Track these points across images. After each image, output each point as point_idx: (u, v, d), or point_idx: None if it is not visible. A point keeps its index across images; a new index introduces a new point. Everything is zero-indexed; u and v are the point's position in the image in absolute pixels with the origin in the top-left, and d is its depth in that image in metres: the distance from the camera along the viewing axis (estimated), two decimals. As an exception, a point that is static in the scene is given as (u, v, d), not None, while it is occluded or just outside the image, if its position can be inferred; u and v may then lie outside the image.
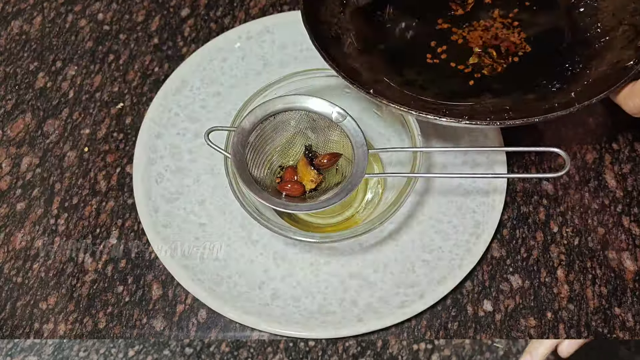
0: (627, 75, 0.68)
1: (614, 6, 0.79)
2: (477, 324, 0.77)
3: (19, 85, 0.94)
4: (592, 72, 0.75)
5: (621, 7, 0.78)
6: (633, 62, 0.70)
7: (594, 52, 0.77)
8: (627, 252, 0.80)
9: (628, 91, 0.68)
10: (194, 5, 1.01)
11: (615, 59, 0.74)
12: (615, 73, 0.71)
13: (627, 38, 0.75)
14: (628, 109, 0.69)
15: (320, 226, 0.82)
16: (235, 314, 0.76)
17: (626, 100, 0.68)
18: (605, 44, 0.77)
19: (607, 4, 0.80)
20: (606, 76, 0.72)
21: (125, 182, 0.87)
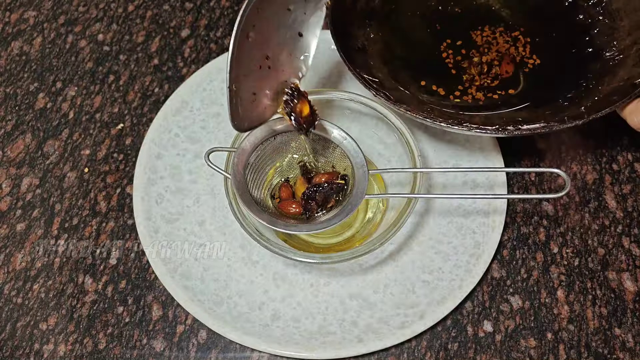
0: (634, 90, 0.70)
1: (630, 25, 0.81)
2: (477, 345, 0.77)
3: (19, 106, 0.94)
4: (604, 87, 0.76)
5: (637, 26, 0.80)
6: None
7: (607, 69, 0.78)
8: (627, 273, 0.80)
9: (634, 107, 0.70)
10: (194, 26, 1.01)
11: (626, 76, 0.75)
12: (624, 88, 0.72)
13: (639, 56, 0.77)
14: (633, 123, 0.70)
15: (320, 246, 0.82)
16: (235, 334, 0.76)
17: (632, 116, 0.70)
18: (619, 62, 0.78)
19: (624, 24, 0.81)
20: (616, 91, 0.73)
21: (125, 202, 0.87)
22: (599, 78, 0.78)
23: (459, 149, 0.87)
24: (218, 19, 1.01)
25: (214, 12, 1.02)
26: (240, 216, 0.73)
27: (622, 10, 0.82)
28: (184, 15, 1.02)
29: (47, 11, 1.04)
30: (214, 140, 0.89)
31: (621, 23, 0.82)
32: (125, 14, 1.03)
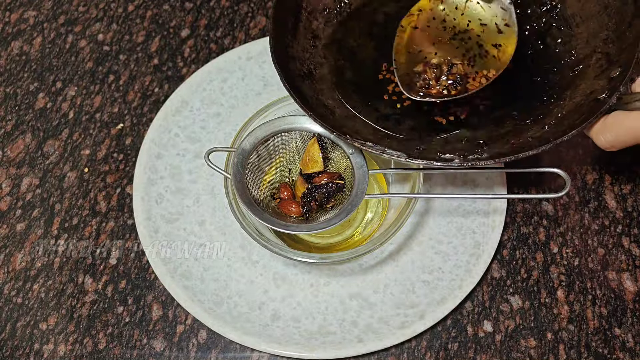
0: (600, 108, 0.67)
1: (588, 33, 0.77)
2: (477, 345, 0.77)
3: (19, 106, 0.95)
4: (566, 102, 0.73)
5: (594, 33, 0.77)
6: (605, 95, 0.69)
7: (568, 81, 0.76)
8: (627, 273, 0.80)
9: (600, 126, 0.67)
10: (194, 26, 1.01)
11: (588, 89, 0.72)
12: (587, 104, 0.70)
13: (600, 67, 0.74)
14: (600, 143, 0.68)
15: (320, 246, 0.82)
16: (235, 334, 0.76)
17: (598, 135, 0.68)
18: (579, 73, 0.75)
19: (581, 30, 0.78)
20: (579, 107, 0.71)
21: (125, 202, 0.87)
22: (560, 92, 0.75)
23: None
24: (218, 19, 1.01)
25: (214, 12, 1.02)
26: (240, 216, 0.73)
27: (578, 15, 0.79)
28: (184, 15, 1.02)
29: (47, 11, 1.04)
30: (214, 140, 0.89)
31: (577, 30, 0.79)
32: (125, 14, 1.03)
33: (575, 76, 0.75)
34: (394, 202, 0.82)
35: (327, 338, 0.76)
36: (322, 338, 0.76)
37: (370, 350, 0.75)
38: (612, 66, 0.72)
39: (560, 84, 0.76)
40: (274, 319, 0.78)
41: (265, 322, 0.78)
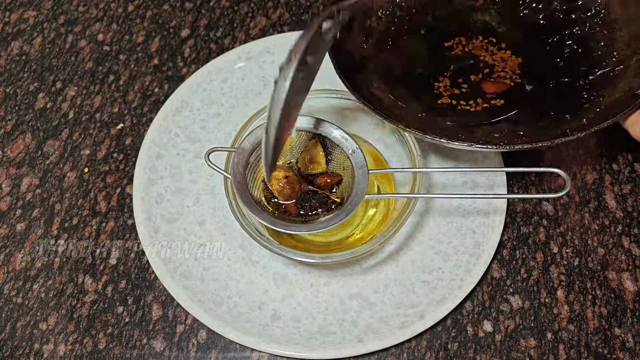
0: (635, 101, 0.69)
1: (629, 36, 0.79)
2: (477, 345, 0.77)
3: (19, 106, 0.95)
4: (605, 99, 0.75)
5: (635, 36, 0.79)
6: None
7: (607, 81, 0.77)
8: (627, 273, 0.80)
9: (636, 117, 0.69)
10: (194, 26, 1.01)
11: (627, 87, 0.74)
12: (625, 100, 0.71)
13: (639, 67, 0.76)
14: (635, 134, 0.70)
15: (320, 244, 0.82)
16: (235, 334, 0.76)
17: (634, 127, 0.70)
18: (620, 73, 0.77)
19: (623, 34, 0.80)
20: (617, 103, 0.72)
21: (125, 202, 0.87)
22: (599, 90, 0.77)
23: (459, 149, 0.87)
24: (218, 19, 1.01)
25: (214, 12, 1.02)
26: (240, 216, 0.73)
27: (620, 20, 0.81)
28: (184, 15, 1.02)
29: (47, 11, 1.04)
30: (214, 140, 0.89)
31: (620, 33, 0.81)
32: (125, 14, 1.03)
33: (616, 76, 0.77)
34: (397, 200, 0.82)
35: (327, 338, 0.76)
36: (322, 338, 0.76)
37: (370, 350, 0.75)
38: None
39: (600, 84, 0.78)
40: (274, 319, 0.78)
41: (265, 322, 0.78)
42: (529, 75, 0.83)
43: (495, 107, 0.80)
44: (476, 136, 0.75)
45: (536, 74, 0.83)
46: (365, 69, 0.83)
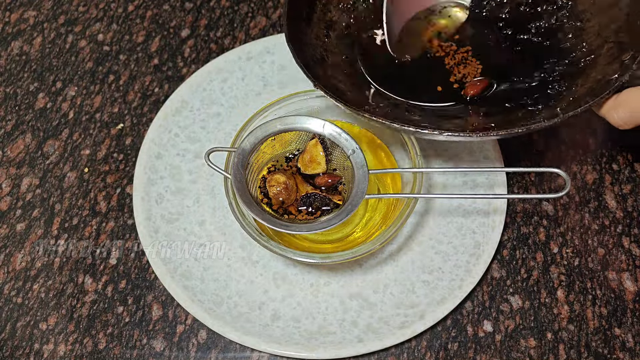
0: (610, 87, 0.68)
1: (599, 26, 0.79)
2: (477, 345, 0.77)
3: (19, 106, 0.95)
4: (578, 89, 0.74)
5: (605, 26, 0.78)
6: (617, 75, 0.69)
7: (578, 71, 0.77)
8: (627, 273, 0.80)
9: (612, 103, 0.68)
10: (194, 26, 1.01)
11: (600, 75, 0.73)
12: (600, 88, 0.70)
13: (611, 55, 0.75)
14: (613, 121, 0.68)
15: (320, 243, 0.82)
16: (235, 334, 0.76)
17: (611, 113, 0.68)
18: (590, 63, 0.77)
19: (592, 24, 0.80)
20: (591, 91, 0.71)
21: (125, 202, 0.87)
22: (570, 81, 0.76)
23: (458, 149, 0.87)
24: (218, 19, 1.01)
25: (214, 12, 1.02)
26: (240, 216, 0.73)
27: (589, 11, 0.81)
28: (184, 15, 1.02)
29: (47, 11, 1.04)
30: (214, 140, 0.89)
31: (589, 24, 0.80)
32: (125, 14, 1.03)
33: (586, 66, 0.77)
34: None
35: (327, 338, 0.76)
36: (322, 338, 0.76)
37: (370, 350, 0.75)
38: (623, 52, 0.73)
39: (571, 75, 0.77)
40: (274, 319, 0.78)
41: (265, 322, 0.78)
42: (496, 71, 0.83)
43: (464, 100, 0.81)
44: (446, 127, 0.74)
45: (503, 69, 0.82)
46: (325, 63, 0.82)
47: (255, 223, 0.74)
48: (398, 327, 0.76)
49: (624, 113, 0.67)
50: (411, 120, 0.77)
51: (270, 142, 0.75)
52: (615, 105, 0.68)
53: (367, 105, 0.78)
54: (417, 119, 0.78)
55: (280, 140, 0.76)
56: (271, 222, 0.70)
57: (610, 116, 0.68)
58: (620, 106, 0.67)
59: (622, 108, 0.67)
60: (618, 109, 0.67)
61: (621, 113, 0.67)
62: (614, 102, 0.68)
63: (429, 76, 0.83)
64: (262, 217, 0.70)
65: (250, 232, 0.72)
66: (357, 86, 0.81)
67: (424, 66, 0.84)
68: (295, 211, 0.74)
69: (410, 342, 0.78)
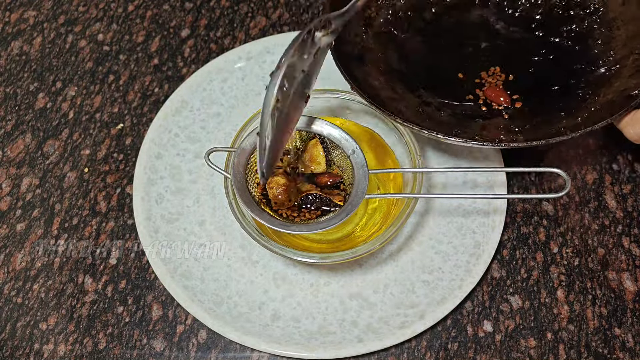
0: (630, 102, 0.70)
1: (627, 35, 0.80)
2: (477, 345, 0.77)
3: (19, 106, 0.94)
4: (600, 99, 0.75)
5: (633, 36, 0.79)
6: (638, 91, 0.71)
7: (604, 80, 0.78)
8: (627, 273, 0.80)
9: (630, 119, 0.70)
10: (194, 26, 1.01)
11: (622, 87, 0.74)
12: (620, 100, 0.72)
13: (635, 67, 0.76)
14: (629, 136, 0.70)
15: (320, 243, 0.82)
16: (235, 334, 0.76)
17: (628, 128, 0.70)
18: (616, 72, 0.78)
19: (621, 33, 0.81)
20: (612, 103, 0.73)
21: (125, 202, 0.87)
22: (595, 89, 0.78)
23: (458, 149, 0.87)
24: (218, 19, 1.01)
25: (214, 12, 1.02)
26: (240, 216, 0.73)
27: (619, 19, 0.82)
28: (184, 15, 1.02)
29: (47, 11, 1.04)
30: (213, 140, 0.89)
31: (617, 32, 0.81)
32: (125, 14, 1.03)
33: (612, 75, 0.78)
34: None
35: (327, 338, 0.76)
36: (322, 338, 0.76)
37: (370, 350, 0.75)
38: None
39: (596, 83, 0.79)
40: (274, 319, 0.78)
41: (265, 322, 0.78)
42: (524, 73, 0.84)
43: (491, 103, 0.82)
44: (472, 131, 0.76)
45: (531, 71, 0.84)
46: (363, 60, 0.83)
47: (255, 223, 0.74)
48: (398, 327, 0.76)
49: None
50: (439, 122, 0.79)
51: None
52: (633, 121, 0.70)
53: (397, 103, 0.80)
54: (446, 119, 0.79)
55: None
56: (271, 222, 0.70)
57: (627, 131, 0.70)
58: (637, 123, 0.69)
59: (639, 125, 0.69)
60: (635, 125, 0.69)
61: (638, 129, 0.69)
62: (631, 118, 0.70)
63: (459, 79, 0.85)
64: (262, 217, 0.70)
65: (250, 232, 0.72)
66: (390, 84, 0.83)
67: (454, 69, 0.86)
68: (296, 211, 0.74)
69: (410, 342, 0.78)
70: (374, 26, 0.87)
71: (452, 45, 0.88)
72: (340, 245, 0.81)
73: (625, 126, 0.70)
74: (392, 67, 0.85)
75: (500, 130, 0.76)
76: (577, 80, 0.80)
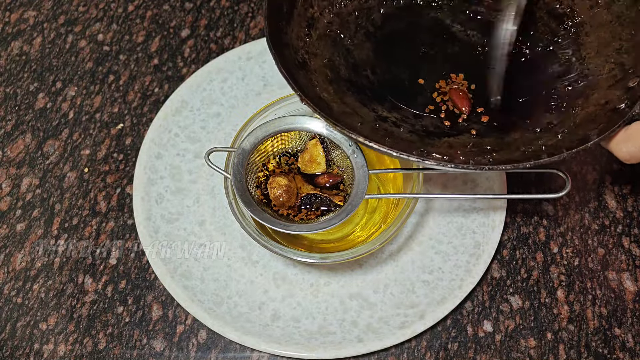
0: (620, 119, 0.64)
1: (598, 42, 0.75)
2: (477, 345, 0.77)
3: (19, 106, 0.94)
4: (579, 112, 0.70)
5: (605, 43, 0.74)
6: (625, 105, 0.66)
7: (578, 91, 0.73)
8: (627, 273, 0.80)
9: (621, 137, 0.64)
10: (194, 26, 1.01)
11: (602, 99, 0.69)
12: (604, 114, 0.67)
13: (613, 77, 0.71)
14: (620, 155, 0.64)
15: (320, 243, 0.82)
16: (235, 334, 0.76)
17: (619, 146, 0.64)
18: (590, 83, 0.73)
19: (591, 40, 0.76)
20: (595, 117, 0.68)
21: (125, 202, 0.87)
22: (570, 101, 0.72)
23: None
24: (218, 19, 1.01)
25: (214, 12, 1.02)
26: (240, 216, 0.73)
27: (587, 24, 0.77)
28: (184, 15, 1.02)
29: (47, 11, 1.04)
30: (214, 140, 0.89)
31: (587, 38, 0.76)
32: (125, 14, 1.03)
33: (586, 86, 0.73)
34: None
35: (327, 338, 0.76)
36: (322, 338, 0.76)
37: (370, 350, 0.75)
38: (628, 76, 0.70)
39: (569, 94, 0.73)
40: (274, 319, 0.78)
41: (265, 322, 0.78)
42: (486, 82, 0.78)
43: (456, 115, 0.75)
44: (438, 150, 0.69)
45: (493, 80, 0.78)
46: (308, 67, 0.76)
47: (255, 223, 0.74)
48: (398, 327, 0.76)
49: (633, 147, 0.63)
50: (400, 141, 0.71)
51: (270, 142, 0.75)
52: (624, 139, 0.63)
53: (351, 118, 0.73)
54: (407, 136, 0.72)
55: (280, 140, 0.76)
56: (271, 222, 0.70)
57: (619, 150, 0.64)
58: (629, 140, 0.63)
59: (631, 142, 0.63)
60: (628, 143, 0.63)
61: (630, 147, 0.63)
62: (622, 136, 0.63)
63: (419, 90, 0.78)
64: (262, 217, 0.70)
65: (250, 232, 0.72)
66: (339, 95, 0.75)
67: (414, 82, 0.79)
68: (296, 211, 0.74)
69: (410, 342, 0.78)
70: (318, 28, 0.80)
71: (406, 50, 0.81)
72: (340, 245, 0.81)
73: (616, 145, 0.64)
74: (340, 76, 0.77)
75: (470, 148, 0.70)
76: (547, 91, 0.75)
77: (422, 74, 0.78)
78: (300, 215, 0.74)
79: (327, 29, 0.80)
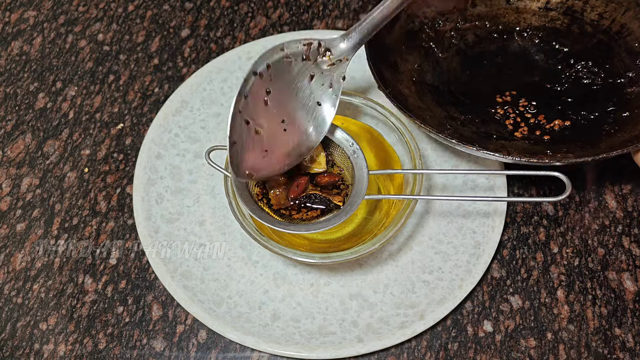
0: None
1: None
2: (477, 345, 0.77)
3: (19, 106, 0.94)
4: (623, 134, 0.75)
5: None
6: None
7: (630, 118, 0.77)
8: (627, 273, 0.80)
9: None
10: (194, 26, 1.01)
11: None
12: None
13: None
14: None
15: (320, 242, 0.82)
16: (235, 334, 0.76)
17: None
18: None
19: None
20: (634, 138, 0.72)
21: (125, 202, 0.87)
22: (622, 126, 0.77)
23: (458, 150, 0.86)
24: (218, 19, 1.01)
25: (214, 12, 1.02)
26: (240, 216, 0.73)
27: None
28: (184, 15, 1.02)
29: (47, 11, 1.04)
30: (214, 140, 0.89)
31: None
32: (125, 14, 1.03)
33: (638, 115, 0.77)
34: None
35: (327, 338, 0.76)
36: (322, 338, 0.76)
37: (370, 350, 0.75)
38: None
39: (623, 120, 0.78)
40: (274, 319, 0.78)
41: (265, 322, 0.78)
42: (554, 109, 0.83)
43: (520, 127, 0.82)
44: (494, 147, 0.76)
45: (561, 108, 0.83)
46: (397, 69, 0.84)
47: (255, 223, 0.74)
48: (398, 327, 0.76)
49: None
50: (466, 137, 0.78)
51: None
52: None
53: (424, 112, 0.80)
54: (469, 135, 0.79)
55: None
56: (271, 222, 0.70)
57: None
58: None
59: None
60: None
61: None
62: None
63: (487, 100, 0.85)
64: (262, 217, 0.70)
65: (250, 232, 0.72)
66: (419, 94, 0.83)
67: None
68: (295, 211, 0.74)
69: (410, 342, 0.78)
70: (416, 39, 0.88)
71: (489, 68, 0.88)
72: (340, 245, 0.81)
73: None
74: (424, 81, 0.85)
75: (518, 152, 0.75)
76: (604, 117, 0.79)
77: (497, 91, 0.85)
78: (300, 215, 0.74)
79: (423, 42, 0.88)
